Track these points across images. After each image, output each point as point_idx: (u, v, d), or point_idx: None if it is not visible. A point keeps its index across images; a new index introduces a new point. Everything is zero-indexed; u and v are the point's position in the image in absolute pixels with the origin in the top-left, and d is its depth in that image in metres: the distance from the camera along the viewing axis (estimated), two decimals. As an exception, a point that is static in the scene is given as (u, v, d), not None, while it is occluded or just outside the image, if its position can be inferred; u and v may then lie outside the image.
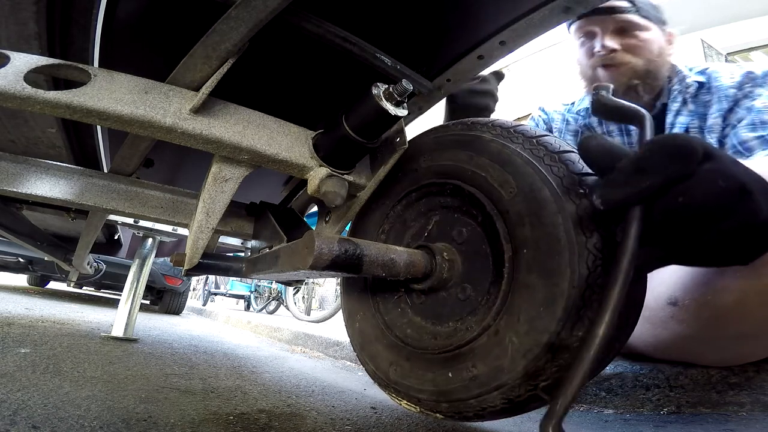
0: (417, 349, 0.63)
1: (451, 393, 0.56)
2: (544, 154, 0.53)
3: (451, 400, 0.56)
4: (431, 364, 0.60)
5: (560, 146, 0.53)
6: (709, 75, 1.12)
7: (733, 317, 0.77)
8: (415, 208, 0.72)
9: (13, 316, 1.80)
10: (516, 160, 0.55)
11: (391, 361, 0.66)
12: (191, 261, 0.76)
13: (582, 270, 0.46)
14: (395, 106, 0.60)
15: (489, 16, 0.73)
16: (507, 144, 0.57)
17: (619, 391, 0.94)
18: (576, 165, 0.51)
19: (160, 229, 1.57)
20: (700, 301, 0.79)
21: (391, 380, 0.66)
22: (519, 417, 0.79)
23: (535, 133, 0.56)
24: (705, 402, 0.89)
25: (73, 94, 0.54)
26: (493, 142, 0.58)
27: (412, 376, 0.63)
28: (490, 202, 0.57)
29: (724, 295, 0.76)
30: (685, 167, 0.37)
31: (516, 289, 0.53)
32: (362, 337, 0.74)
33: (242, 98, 0.67)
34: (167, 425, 0.64)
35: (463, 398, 0.55)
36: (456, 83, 0.85)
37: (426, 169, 0.68)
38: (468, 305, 0.61)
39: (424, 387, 0.60)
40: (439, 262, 0.62)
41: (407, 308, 0.70)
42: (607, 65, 1.12)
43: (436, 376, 0.59)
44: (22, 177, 0.84)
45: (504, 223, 0.55)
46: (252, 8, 0.52)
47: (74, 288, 5.53)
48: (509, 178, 0.55)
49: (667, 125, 1.15)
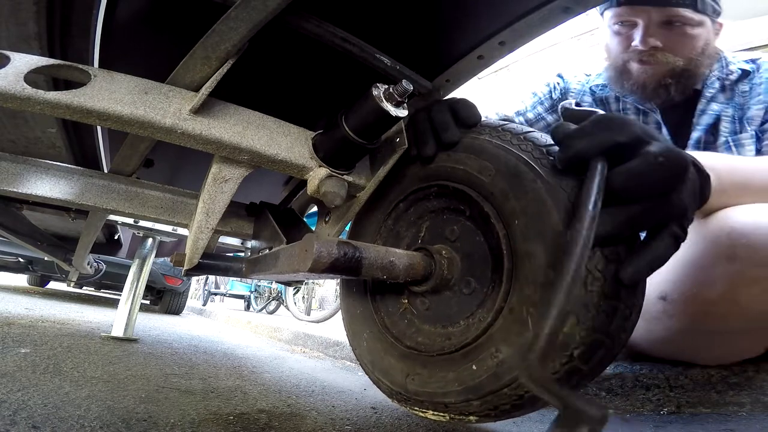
0: (432, 354, 0.61)
1: (480, 387, 0.52)
2: (510, 137, 0.59)
3: (482, 395, 0.52)
4: (451, 362, 0.57)
5: (522, 130, 0.60)
6: (759, 65, 1.04)
7: (721, 311, 0.77)
8: (406, 217, 0.73)
9: (13, 316, 1.80)
10: (488, 147, 0.60)
11: (407, 373, 0.63)
12: (191, 261, 0.76)
13: None
14: (395, 106, 0.60)
15: (489, 16, 0.73)
16: (476, 136, 0.63)
17: (619, 391, 0.94)
18: (540, 140, 0.57)
19: (160, 229, 1.56)
20: (687, 296, 0.79)
21: (411, 392, 0.62)
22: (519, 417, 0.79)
23: (497, 124, 0.63)
24: (705, 402, 0.89)
25: (73, 94, 0.54)
26: (466, 138, 0.64)
27: (433, 382, 0.59)
28: (473, 190, 0.61)
29: (711, 289, 0.76)
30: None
31: (518, 262, 0.53)
32: (371, 355, 0.71)
33: (242, 98, 0.67)
34: (167, 425, 0.64)
35: (494, 390, 0.51)
36: (456, 83, 0.85)
37: (412, 176, 0.71)
38: (475, 298, 0.60)
39: (448, 389, 0.56)
40: (438, 261, 0.62)
41: (414, 318, 0.68)
42: (643, 61, 1.02)
43: (459, 373, 0.55)
44: (22, 177, 0.85)
45: (491, 204, 0.59)
46: (252, 8, 0.52)
47: (74, 288, 5.53)
48: (486, 163, 0.60)
49: (698, 111, 1.06)
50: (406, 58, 0.79)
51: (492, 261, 0.59)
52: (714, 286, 0.75)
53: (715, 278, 0.75)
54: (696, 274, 0.78)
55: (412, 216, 0.72)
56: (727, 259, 0.74)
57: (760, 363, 0.91)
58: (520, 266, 0.53)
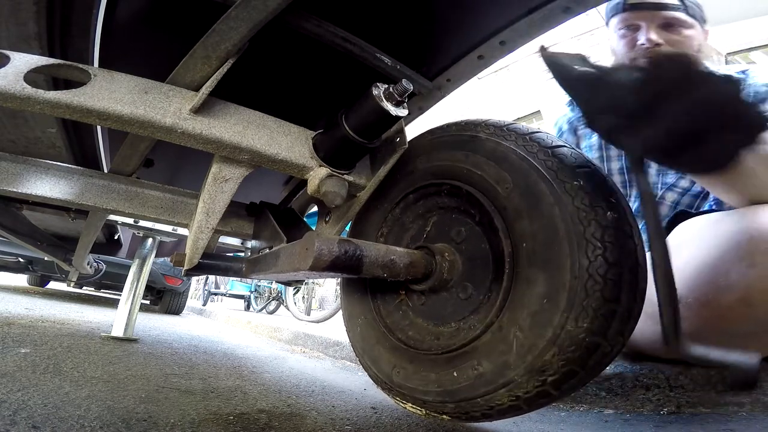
0: (420, 351, 0.63)
1: (456, 393, 0.56)
2: (537, 150, 0.54)
3: (457, 400, 0.56)
4: (435, 364, 0.60)
5: (552, 142, 0.55)
6: (747, 75, 1.10)
7: (737, 315, 0.77)
8: (413, 210, 0.72)
9: (13, 316, 1.80)
10: (511, 157, 0.56)
11: (394, 365, 0.66)
12: (191, 261, 0.76)
13: (582, 260, 0.47)
14: (395, 106, 0.60)
15: (489, 16, 0.73)
16: (500, 141, 0.58)
17: (619, 391, 0.94)
18: (569, 158, 0.52)
19: (160, 229, 1.56)
20: (703, 300, 0.79)
21: (395, 383, 0.65)
22: (519, 417, 0.79)
23: (526, 131, 0.57)
24: (705, 402, 0.89)
25: (73, 94, 0.54)
26: (488, 141, 0.59)
27: (415, 378, 0.62)
28: (487, 198, 0.58)
29: (729, 293, 0.76)
30: None
31: (517, 285, 0.53)
32: (363, 341, 0.74)
33: (242, 98, 0.67)
34: (167, 425, 0.64)
35: (469, 397, 0.55)
36: (456, 83, 0.85)
37: (423, 171, 0.69)
38: (470, 304, 0.61)
39: (429, 388, 0.60)
40: (439, 261, 0.62)
41: (408, 310, 0.69)
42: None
43: (440, 376, 0.58)
44: (22, 177, 0.84)
45: (502, 219, 0.56)
46: (252, 8, 0.52)
47: (74, 288, 5.53)
48: (505, 174, 0.56)
49: None
50: (406, 58, 0.79)
51: (493, 271, 0.59)
52: (732, 290, 0.75)
53: (733, 283, 0.75)
54: (714, 278, 0.78)
55: (421, 209, 0.71)
56: (747, 264, 0.74)
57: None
58: (518, 289, 0.53)
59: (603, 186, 0.51)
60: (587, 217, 0.48)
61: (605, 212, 0.48)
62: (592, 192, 0.49)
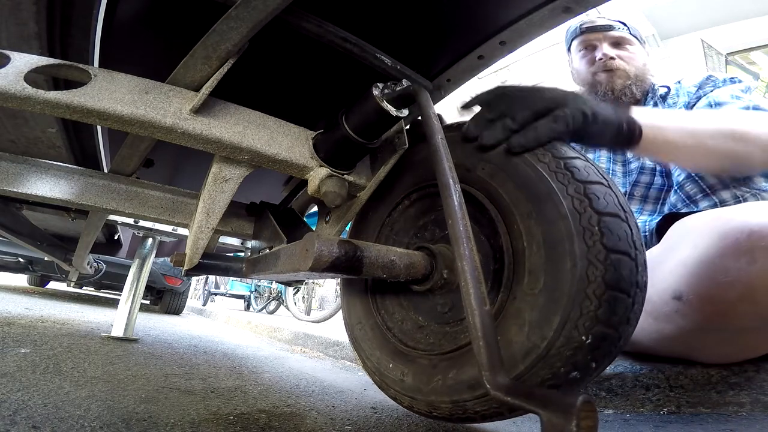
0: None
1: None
2: (569, 180, 0.52)
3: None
4: (425, 368, 0.60)
5: (588, 176, 0.52)
6: (678, 83, 1.32)
7: (738, 311, 0.77)
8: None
9: (13, 316, 1.80)
10: (538, 185, 0.54)
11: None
12: (191, 261, 0.76)
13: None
14: (396, 106, 0.60)
15: (489, 16, 0.73)
16: (534, 162, 0.56)
17: (619, 391, 0.94)
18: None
19: (160, 229, 1.56)
20: (704, 296, 0.79)
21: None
22: (519, 417, 0.79)
23: (566, 156, 0.56)
24: (705, 402, 0.89)
25: (73, 94, 0.54)
26: (519, 158, 0.57)
27: (407, 378, 0.62)
28: (499, 214, 0.58)
29: (730, 290, 0.76)
30: None
31: (510, 305, 0.53)
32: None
33: (242, 98, 0.67)
34: (167, 425, 0.64)
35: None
36: (456, 83, 0.85)
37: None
38: None
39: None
40: (440, 262, 0.62)
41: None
42: (607, 70, 1.33)
43: (429, 378, 0.59)
44: (22, 177, 0.84)
45: (511, 246, 0.55)
46: (252, 8, 0.52)
47: (74, 288, 5.53)
48: (529, 205, 0.54)
49: None
50: (406, 58, 0.79)
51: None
52: (733, 287, 0.75)
53: (734, 279, 0.75)
54: (714, 275, 0.78)
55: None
56: (747, 260, 0.74)
57: (760, 363, 0.91)
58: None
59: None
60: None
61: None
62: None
